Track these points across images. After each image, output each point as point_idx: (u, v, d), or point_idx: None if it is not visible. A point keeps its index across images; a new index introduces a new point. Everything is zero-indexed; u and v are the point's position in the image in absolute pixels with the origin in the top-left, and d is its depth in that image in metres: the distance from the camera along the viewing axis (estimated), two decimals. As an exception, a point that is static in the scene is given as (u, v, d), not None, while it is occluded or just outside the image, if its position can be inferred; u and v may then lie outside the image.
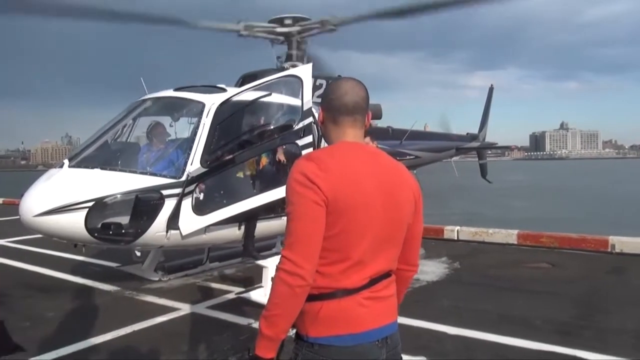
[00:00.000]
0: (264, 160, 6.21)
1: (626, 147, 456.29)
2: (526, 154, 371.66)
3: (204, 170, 5.55)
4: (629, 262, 7.54)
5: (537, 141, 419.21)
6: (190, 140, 5.66)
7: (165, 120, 6.29)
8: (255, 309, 5.65)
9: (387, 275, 1.95)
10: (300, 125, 5.71)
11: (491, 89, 15.74)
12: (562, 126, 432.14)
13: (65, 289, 6.80)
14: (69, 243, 5.71)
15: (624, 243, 8.06)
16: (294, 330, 1.92)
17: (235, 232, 6.10)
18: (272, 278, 1.86)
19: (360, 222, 1.83)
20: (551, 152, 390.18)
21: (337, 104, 1.96)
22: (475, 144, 13.84)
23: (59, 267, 7.88)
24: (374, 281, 1.89)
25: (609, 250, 8.10)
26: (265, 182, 6.07)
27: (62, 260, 8.39)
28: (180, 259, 7.73)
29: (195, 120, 5.85)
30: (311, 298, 1.82)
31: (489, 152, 15.98)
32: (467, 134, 13.88)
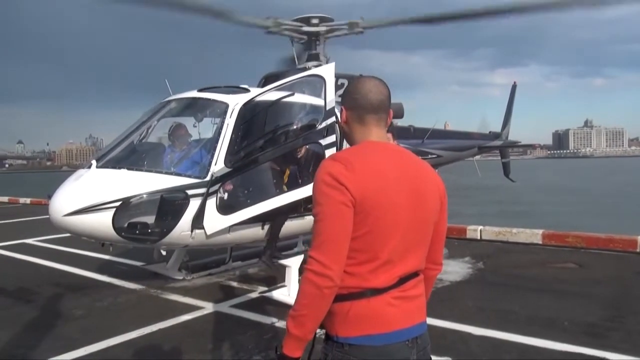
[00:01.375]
0: (288, 160, 6.22)
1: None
2: (549, 152, 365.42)
3: (228, 170, 5.59)
4: (659, 263, 7.36)
5: (560, 139, 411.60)
6: (214, 141, 5.71)
7: (189, 121, 6.36)
8: (278, 308, 5.68)
9: (415, 274, 1.94)
10: (324, 124, 5.71)
11: (514, 87, 15.50)
12: (587, 124, 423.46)
13: (93, 287, 6.94)
14: (97, 242, 5.82)
15: (654, 243, 7.87)
16: (323, 331, 1.92)
17: (259, 232, 6.13)
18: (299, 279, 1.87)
19: (388, 222, 1.82)
20: (575, 150, 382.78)
21: (362, 102, 1.96)
22: (498, 143, 13.64)
23: (86, 266, 8.04)
24: (402, 280, 1.88)
25: (638, 250, 7.91)
26: (289, 181, 6.09)
27: (89, 259, 8.56)
28: (204, 258, 7.82)
29: (219, 120, 5.90)
30: (340, 298, 1.82)
31: (511, 150, 15.73)
32: (490, 132, 13.70)
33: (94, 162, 5.58)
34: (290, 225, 6.36)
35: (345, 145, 6.36)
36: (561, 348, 4.44)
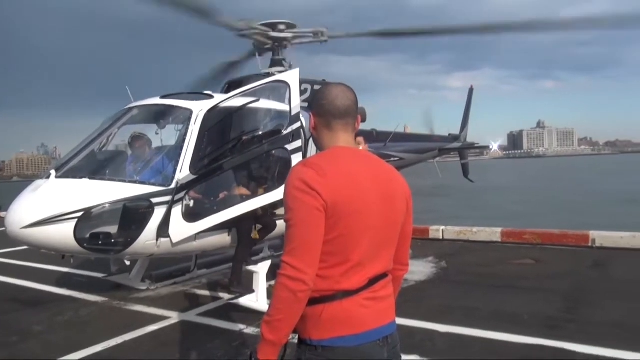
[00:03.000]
0: (254, 166, 6.20)
1: (601, 143, 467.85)
2: (504, 152, 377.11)
3: (193, 177, 5.54)
4: (610, 256, 7.74)
5: (515, 140, 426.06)
6: (179, 148, 5.64)
7: (152, 128, 6.26)
8: (246, 314, 5.66)
9: (384, 275, 1.99)
10: (289, 130, 5.72)
11: (471, 90, 16.00)
12: (539, 124, 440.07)
13: (52, 301, 6.70)
14: (57, 254, 5.64)
15: (604, 237, 8.28)
16: (296, 335, 1.94)
17: (225, 239, 6.09)
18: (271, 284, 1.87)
19: (359, 225, 1.86)
20: (529, 150, 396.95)
21: (329, 109, 2.00)
22: (457, 145, 14.04)
23: (43, 280, 7.76)
24: (372, 282, 1.93)
25: (590, 245, 8.30)
26: (255, 187, 6.07)
27: (46, 272, 8.26)
28: (168, 267, 7.70)
29: (182, 127, 5.83)
30: (313, 302, 1.85)
31: (469, 152, 16.21)
32: (449, 134, 14.08)
33: (53, 172, 5.41)
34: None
35: (311, 149, 6.43)
36: (523, 341, 4.60)
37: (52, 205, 5.09)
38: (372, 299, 1.91)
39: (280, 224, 6.43)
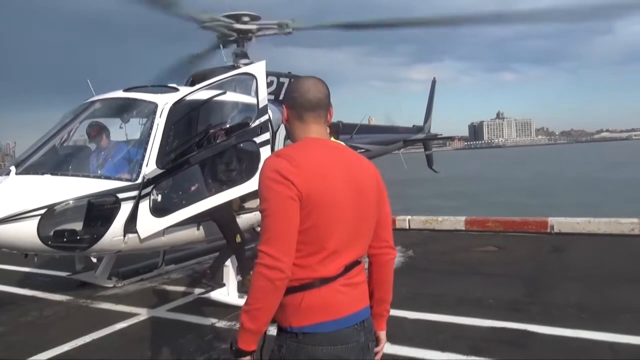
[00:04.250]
0: (222, 159, 6.15)
1: (557, 133, 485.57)
2: (466, 143, 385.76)
3: (160, 171, 5.45)
4: (567, 241, 8.07)
5: (475, 131, 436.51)
6: (145, 142, 5.53)
7: (116, 122, 6.11)
8: (218, 308, 5.64)
9: (358, 262, 2.05)
10: (257, 122, 5.68)
11: (434, 82, 16.28)
12: (499, 115, 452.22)
13: (14, 302, 6.50)
14: (19, 254, 5.47)
15: (562, 223, 8.62)
16: (274, 326, 1.97)
17: (194, 233, 6.03)
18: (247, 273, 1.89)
19: (333, 215, 1.90)
20: (489, 141, 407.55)
21: (301, 101, 2.03)
22: (421, 136, 14.28)
23: (5, 280, 7.50)
24: (348, 268, 1.98)
25: (549, 231, 8.64)
26: (224, 180, 6.02)
27: (7, 272, 7.98)
28: (134, 263, 7.57)
29: (148, 121, 5.72)
30: (292, 290, 1.89)
31: (433, 143, 16.49)
32: (413, 126, 14.30)
33: (12, 168, 5.23)
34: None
35: (279, 142, 6.43)
36: (489, 324, 4.78)
37: (13, 203, 4.91)
38: (348, 285, 1.97)
39: (249, 217, 6.45)
